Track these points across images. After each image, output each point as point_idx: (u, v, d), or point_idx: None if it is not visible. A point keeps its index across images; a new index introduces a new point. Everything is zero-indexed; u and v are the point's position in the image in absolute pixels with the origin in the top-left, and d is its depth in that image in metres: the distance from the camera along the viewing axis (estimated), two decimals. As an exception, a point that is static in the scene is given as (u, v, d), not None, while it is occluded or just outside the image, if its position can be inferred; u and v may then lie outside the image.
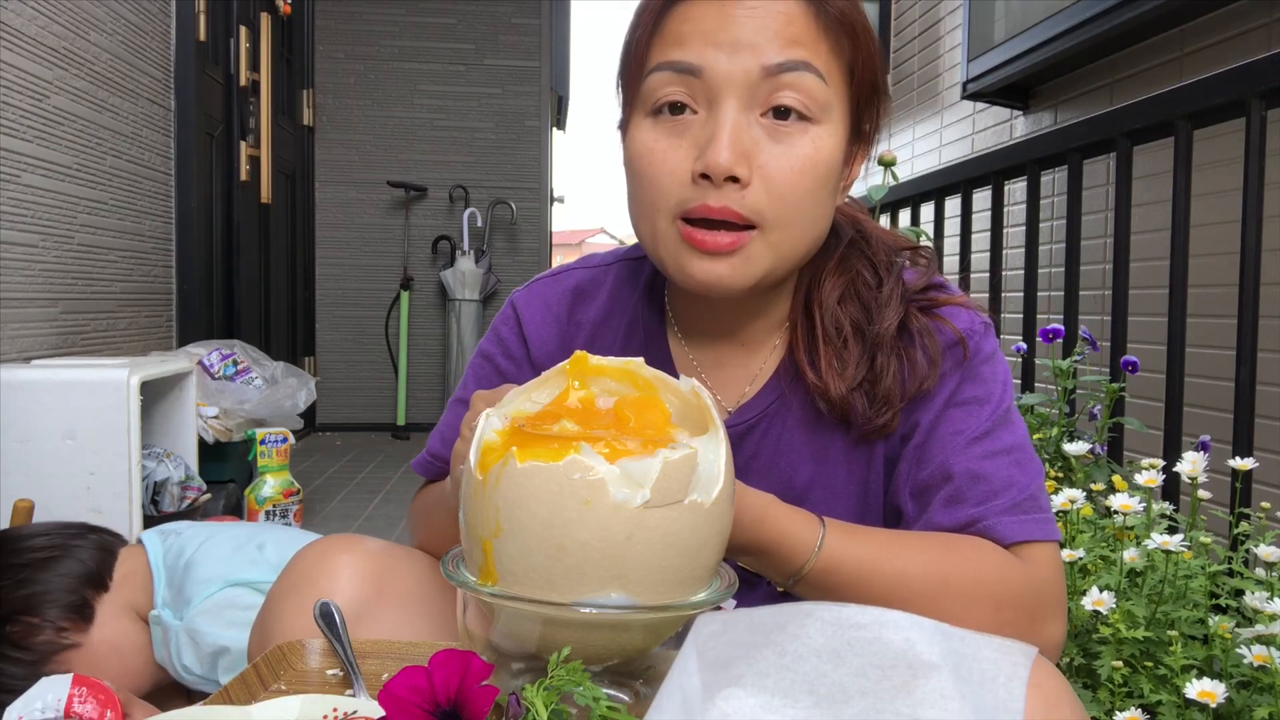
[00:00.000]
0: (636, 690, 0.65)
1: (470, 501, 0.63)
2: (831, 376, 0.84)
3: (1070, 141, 2.01)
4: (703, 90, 0.77)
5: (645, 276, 0.96)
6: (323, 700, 0.67)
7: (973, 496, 0.80)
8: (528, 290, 1.00)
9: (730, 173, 0.75)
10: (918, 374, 0.83)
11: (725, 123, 0.76)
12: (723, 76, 0.76)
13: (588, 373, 0.69)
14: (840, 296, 0.87)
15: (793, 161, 0.77)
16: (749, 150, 0.77)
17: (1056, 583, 0.81)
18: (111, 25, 2.89)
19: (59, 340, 2.63)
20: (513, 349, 0.97)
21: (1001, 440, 0.83)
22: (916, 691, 0.40)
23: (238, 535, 1.50)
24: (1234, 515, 1.30)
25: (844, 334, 0.85)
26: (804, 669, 0.41)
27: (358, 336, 5.64)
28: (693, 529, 0.60)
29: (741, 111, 0.77)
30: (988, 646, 0.44)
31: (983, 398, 0.84)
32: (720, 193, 0.76)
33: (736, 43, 0.76)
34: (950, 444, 0.82)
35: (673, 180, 0.78)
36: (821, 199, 0.80)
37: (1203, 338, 2.07)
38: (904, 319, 0.85)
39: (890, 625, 0.42)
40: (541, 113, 5.77)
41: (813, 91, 0.77)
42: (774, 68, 0.76)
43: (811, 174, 0.78)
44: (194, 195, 3.44)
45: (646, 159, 0.80)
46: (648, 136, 0.80)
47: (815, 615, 0.42)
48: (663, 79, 0.78)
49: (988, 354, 0.86)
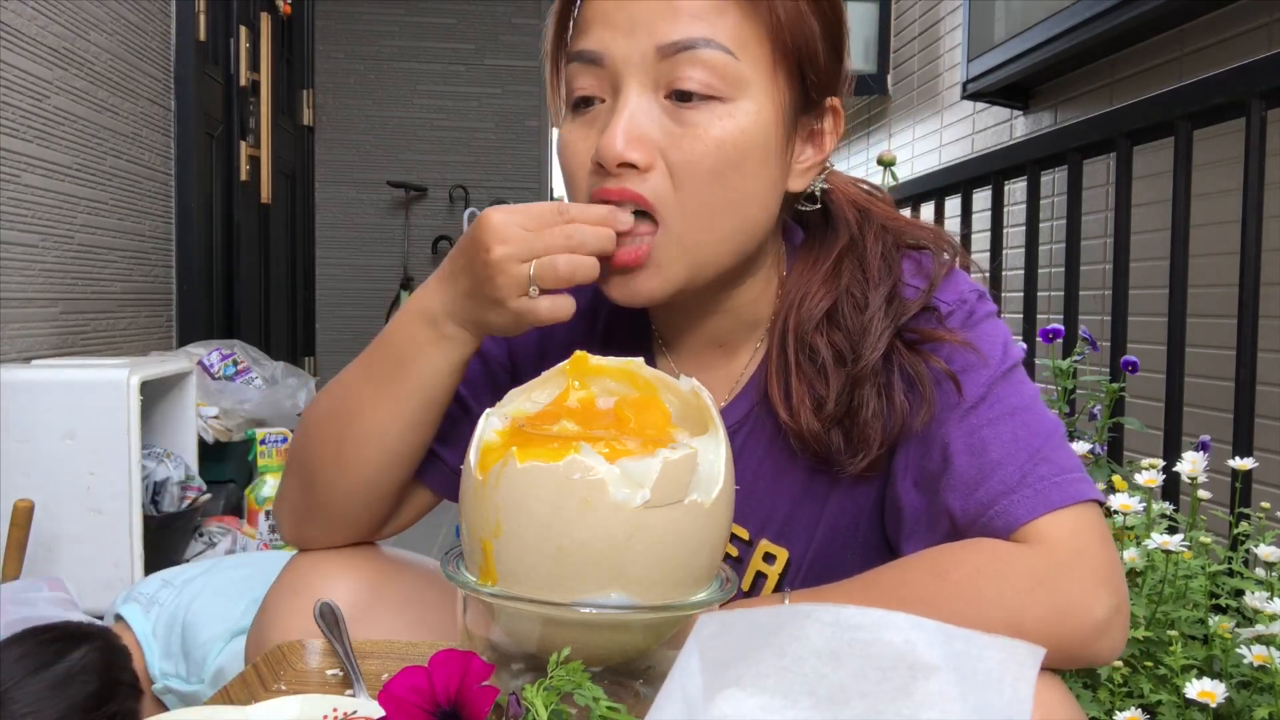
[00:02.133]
0: (636, 690, 0.65)
1: (470, 501, 0.63)
2: (803, 411, 0.78)
3: (1070, 141, 2.01)
4: (607, 77, 0.74)
5: None
6: (323, 700, 0.67)
7: (974, 475, 0.72)
8: None
9: (623, 159, 0.71)
10: (896, 415, 0.76)
11: (622, 109, 0.72)
12: (621, 60, 0.73)
13: (588, 373, 0.69)
14: (821, 318, 0.80)
15: (695, 144, 0.72)
16: (646, 133, 0.72)
17: (1090, 551, 0.69)
18: (111, 25, 2.89)
19: (59, 340, 2.63)
20: (490, 343, 0.91)
21: (1004, 401, 0.75)
22: (916, 693, 0.40)
23: (221, 583, 1.46)
24: (1234, 515, 1.30)
25: (820, 362, 0.78)
26: (803, 670, 0.41)
27: (358, 336, 5.64)
28: (693, 529, 0.60)
29: (642, 95, 0.72)
30: (993, 647, 0.44)
31: (977, 363, 0.76)
32: (618, 179, 0.73)
33: (633, 22, 0.72)
34: (947, 418, 0.75)
35: (581, 172, 0.76)
36: (736, 183, 0.74)
37: (1203, 338, 2.07)
38: (888, 351, 0.77)
39: (890, 626, 0.42)
40: (541, 113, 5.77)
41: (718, 67, 0.71)
42: (668, 47, 0.71)
43: (717, 154, 0.72)
44: (194, 195, 3.44)
45: (564, 155, 0.77)
46: (565, 130, 0.78)
47: (815, 616, 0.42)
48: (573, 70, 0.76)
49: (982, 315, 0.79)
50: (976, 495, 0.72)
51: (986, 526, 0.72)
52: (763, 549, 0.86)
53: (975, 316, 0.79)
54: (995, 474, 0.72)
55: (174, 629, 1.39)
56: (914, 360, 0.77)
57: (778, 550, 0.85)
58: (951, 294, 0.80)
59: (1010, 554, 0.70)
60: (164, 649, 1.38)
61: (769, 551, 0.86)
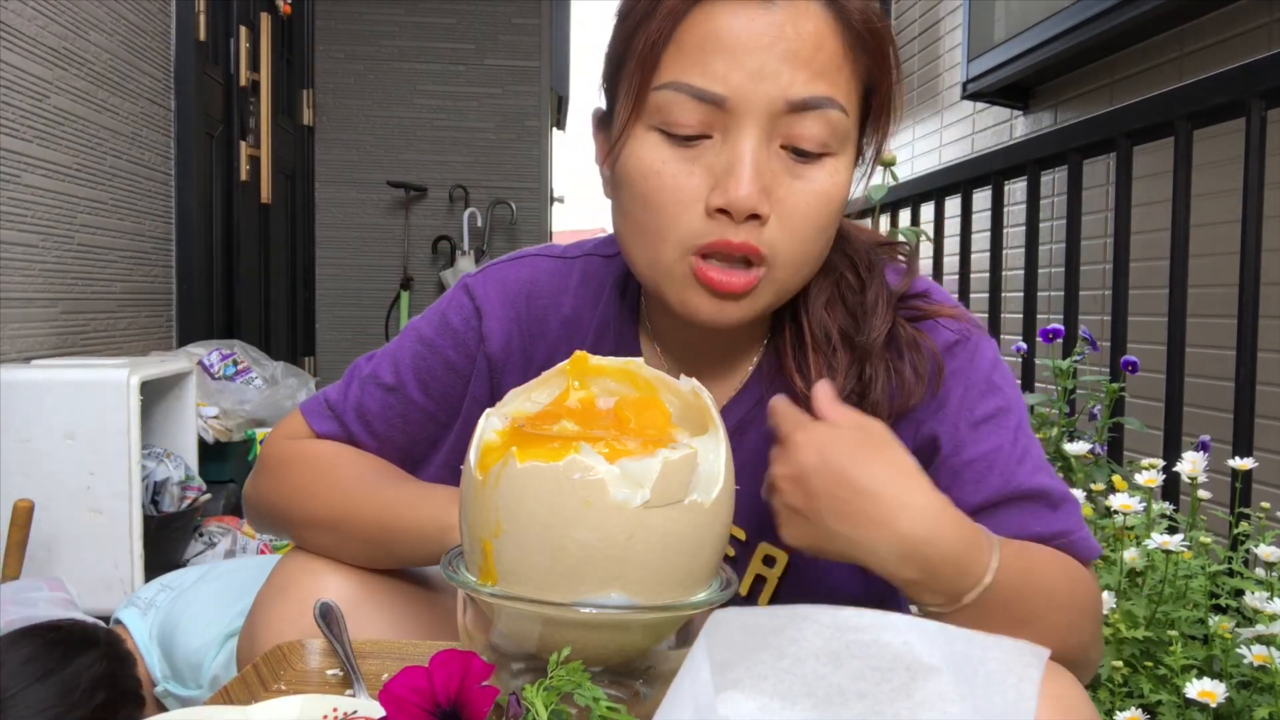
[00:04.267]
0: (636, 690, 0.65)
1: (470, 501, 0.63)
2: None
3: (1070, 141, 2.01)
4: (721, 116, 0.71)
5: (617, 276, 0.90)
6: (323, 700, 0.67)
7: (1047, 510, 0.78)
8: (484, 276, 0.91)
9: (753, 210, 0.71)
10: (905, 387, 0.79)
11: (746, 154, 0.71)
12: (746, 104, 0.71)
13: (588, 373, 0.69)
14: (827, 301, 0.82)
15: (810, 199, 0.73)
16: (769, 185, 0.72)
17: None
18: (111, 25, 2.89)
19: (59, 340, 2.63)
20: (466, 341, 0.89)
21: (1036, 454, 0.81)
22: (916, 694, 0.40)
23: (218, 588, 1.45)
24: (1234, 515, 1.30)
25: (833, 341, 0.81)
26: (802, 671, 0.41)
27: (358, 336, 5.64)
28: (693, 529, 0.60)
29: (762, 142, 0.71)
30: (997, 648, 0.44)
31: (1005, 408, 0.81)
32: (739, 229, 0.72)
33: (761, 70, 0.70)
34: (1003, 461, 0.79)
35: (685, 211, 0.73)
36: (830, 234, 0.77)
37: (1203, 338, 2.07)
38: (892, 329, 0.81)
39: (889, 628, 0.41)
40: (541, 113, 5.77)
41: (835, 126, 0.73)
42: (799, 104, 0.71)
43: (826, 210, 0.74)
44: (194, 195, 3.44)
45: (653, 181, 0.73)
46: (654, 156, 0.73)
47: (813, 618, 0.42)
48: (677, 99, 0.71)
49: (994, 360, 0.83)
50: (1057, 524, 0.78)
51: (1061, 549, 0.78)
52: (762, 551, 0.86)
53: (989, 360, 0.83)
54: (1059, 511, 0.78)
55: (169, 633, 1.38)
56: (912, 338, 0.80)
57: (777, 553, 0.85)
58: (951, 332, 0.83)
59: (1087, 570, 0.78)
60: (162, 652, 1.38)
61: (769, 554, 0.85)
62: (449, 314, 0.91)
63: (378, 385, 0.90)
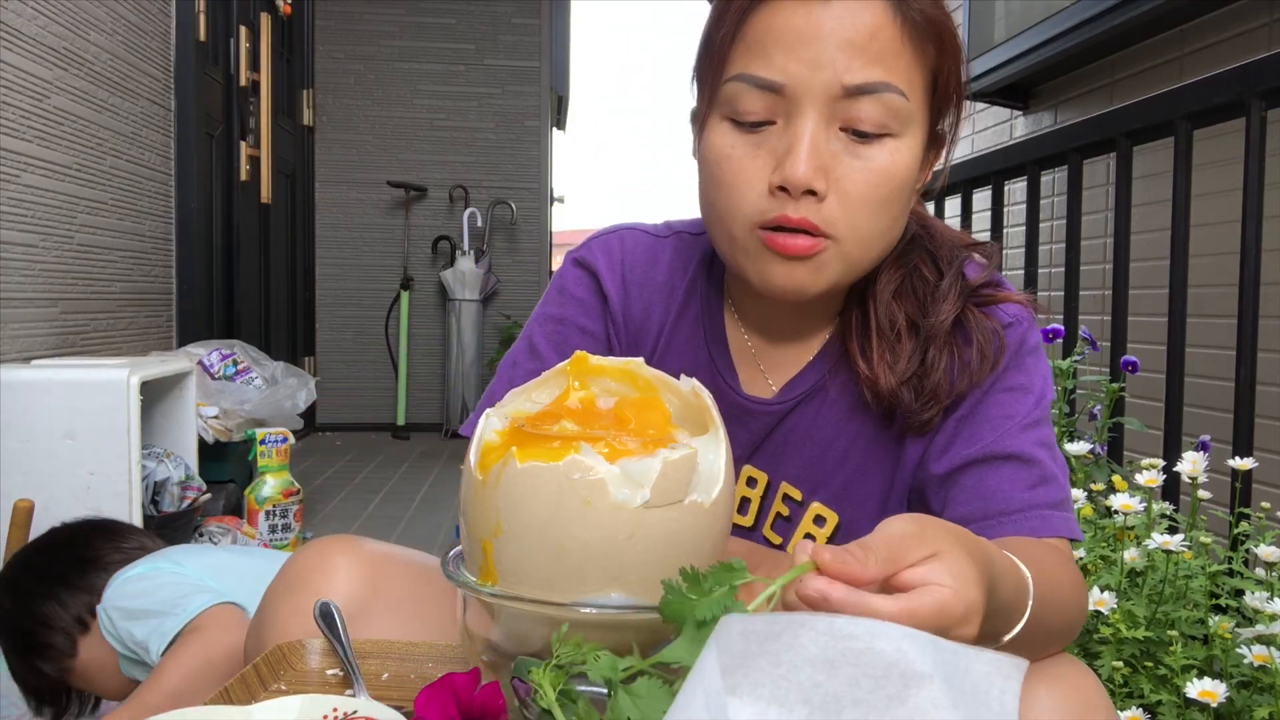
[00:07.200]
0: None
1: (470, 501, 0.63)
2: (883, 369, 0.84)
3: (1070, 141, 2.01)
4: (783, 104, 0.77)
5: (704, 252, 0.95)
6: (323, 700, 0.67)
7: (1027, 479, 0.80)
8: (586, 247, 0.97)
9: (808, 186, 0.75)
10: (969, 371, 0.83)
11: (804, 135, 0.75)
12: (803, 90, 0.75)
13: (588, 373, 0.69)
14: (896, 290, 0.86)
15: (869, 176, 0.77)
16: (826, 164, 0.76)
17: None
18: (111, 25, 2.89)
19: (59, 340, 2.63)
20: (590, 307, 0.94)
21: (1045, 434, 0.83)
22: (910, 701, 0.40)
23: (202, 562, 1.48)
24: (1234, 515, 1.30)
25: (897, 328, 0.85)
26: (799, 678, 0.41)
27: (358, 336, 5.64)
28: (693, 529, 0.60)
29: (820, 125, 0.76)
30: (979, 660, 0.44)
31: (1027, 386, 0.84)
32: (797, 204, 0.76)
33: (818, 59, 0.75)
34: (1003, 426, 0.82)
35: (750, 190, 0.78)
36: (896, 210, 0.80)
37: (1203, 338, 2.07)
38: (960, 315, 0.85)
39: (882, 635, 0.41)
40: (541, 113, 5.77)
41: (893, 109, 0.76)
42: (854, 88, 0.75)
43: (886, 187, 0.78)
44: (194, 195, 3.44)
45: (724, 165, 0.79)
46: (724, 141, 0.80)
47: (809, 625, 0.42)
48: (742, 89, 0.77)
49: (1032, 346, 0.86)
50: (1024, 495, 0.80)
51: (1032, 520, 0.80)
52: (814, 511, 0.89)
53: (1028, 345, 0.86)
54: (1043, 487, 0.81)
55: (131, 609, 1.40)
56: (980, 323, 0.84)
57: (829, 514, 0.89)
58: (1010, 312, 0.86)
59: (1069, 553, 0.80)
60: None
61: (820, 514, 0.89)
62: (567, 287, 0.96)
63: (525, 372, 0.92)
